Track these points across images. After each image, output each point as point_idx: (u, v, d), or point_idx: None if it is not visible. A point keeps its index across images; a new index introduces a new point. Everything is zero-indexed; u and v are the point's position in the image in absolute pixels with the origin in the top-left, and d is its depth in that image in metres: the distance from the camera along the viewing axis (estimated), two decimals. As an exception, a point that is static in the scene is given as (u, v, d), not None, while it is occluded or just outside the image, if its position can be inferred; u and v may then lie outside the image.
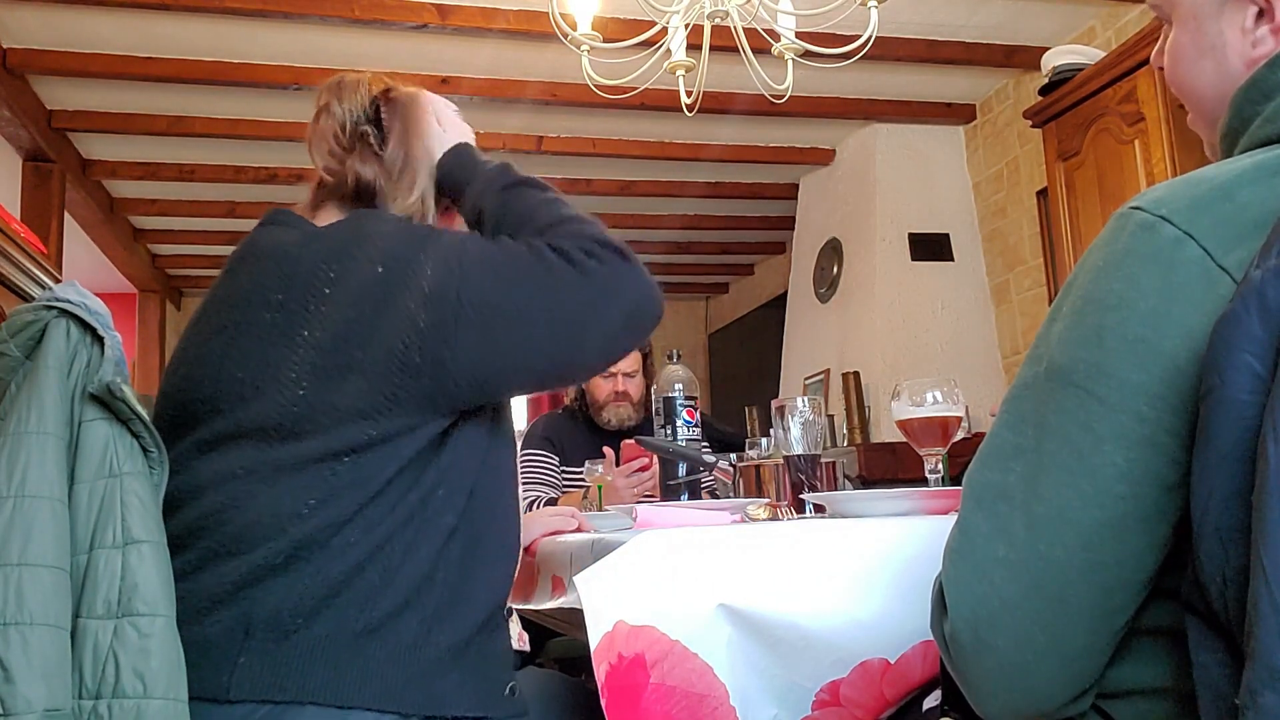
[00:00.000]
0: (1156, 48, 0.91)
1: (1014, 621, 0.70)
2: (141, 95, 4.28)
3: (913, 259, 4.75)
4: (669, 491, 1.88)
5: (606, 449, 2.27)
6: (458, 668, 1.01)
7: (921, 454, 1.50)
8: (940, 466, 1.50)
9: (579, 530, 1.49)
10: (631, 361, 2.83)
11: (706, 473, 1.97)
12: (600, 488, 2.16)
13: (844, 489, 1.73)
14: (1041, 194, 4.24)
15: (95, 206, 5.23)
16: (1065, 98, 3.52)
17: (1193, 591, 0.64)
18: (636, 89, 2.65)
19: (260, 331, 1.03)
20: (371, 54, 3.94)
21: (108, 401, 0.92)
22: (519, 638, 1.43)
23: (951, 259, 4.80)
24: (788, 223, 5.88)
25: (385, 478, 1.00)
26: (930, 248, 4.79)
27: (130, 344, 6.66)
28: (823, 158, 5.28)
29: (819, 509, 1.46)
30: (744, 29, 2.48)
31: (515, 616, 1.45)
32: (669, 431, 1.91)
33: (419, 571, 1.00)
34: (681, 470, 1.88)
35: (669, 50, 2.55)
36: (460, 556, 1.04)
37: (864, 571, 1.06)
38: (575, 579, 1.00)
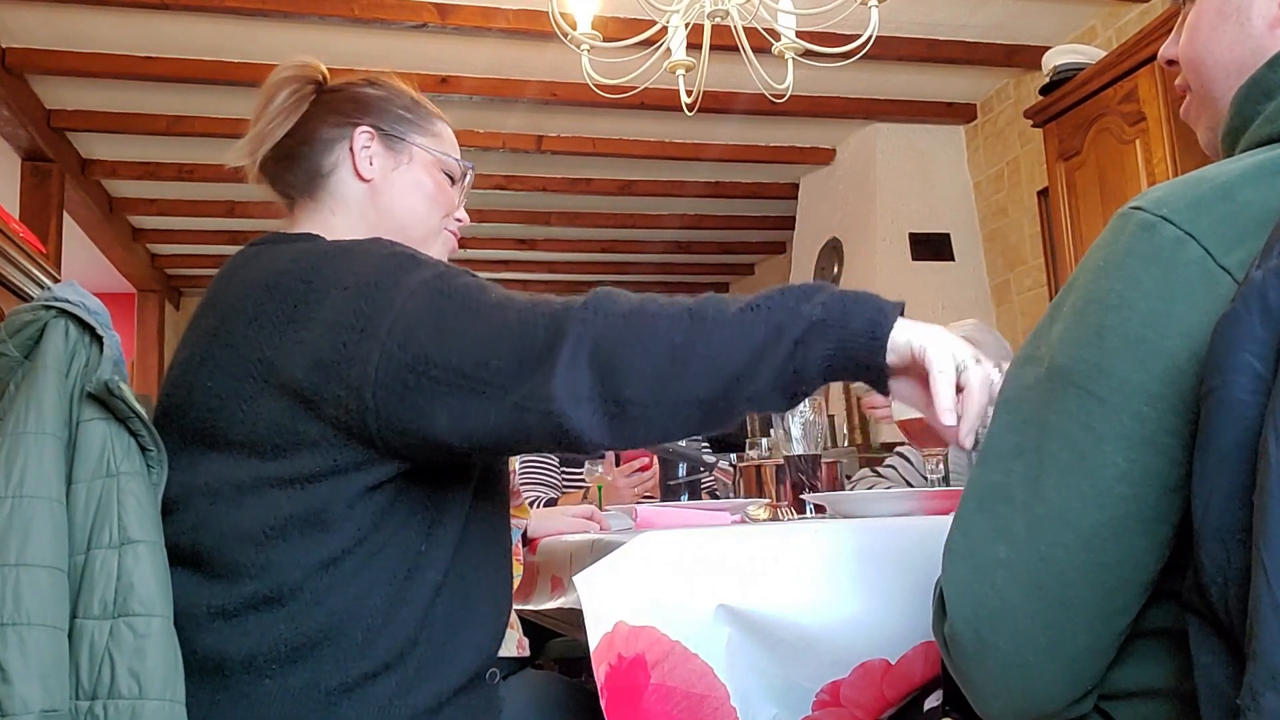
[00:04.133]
0: (1169, 40, 0.90)
1: (1015, 622, 0.70)
2: (141, 95, 4.28)
3: (913, 259, 4.75)
4: (669, 491, 1.88)
5: (606, 449, 2.26)
6: None
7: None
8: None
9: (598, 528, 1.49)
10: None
11: (706, 473, 1.97)
12: (600, 488, 2.16)
13: (844, 489, 1.73)
14: (1042, 194, 4.24)
15: (94, 206, 5.22)
16: (1066, 97, 3.52)
17: (1194, 592, 0.64)
18: (636, 88, 2.64)
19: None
20: (371, 53, 3.93)
21: (106, 400, 0.92)
22: (519, 644, 1.42)
23: (952, 259, 4.79)
24: (788, 222, 5.88)
25: (353, 517, 0.95)
26: (931, 247, 4.78)
27: (129, 344, 6.66)
28: (823, 157, 5.28)
29: (819, 509, 1.45)
30: (744, 28, 2.47)
31: (515, 620, 1.44)
32: (669, 431, 1.90)
33: (403, 633, 0.96)
34: (681, 470, 1.88)
35: (669, 50, 2.54)
36: (446, 616, 1.00)
37: (864, 571, 1.06)
38: (575, 579, 1.00)
